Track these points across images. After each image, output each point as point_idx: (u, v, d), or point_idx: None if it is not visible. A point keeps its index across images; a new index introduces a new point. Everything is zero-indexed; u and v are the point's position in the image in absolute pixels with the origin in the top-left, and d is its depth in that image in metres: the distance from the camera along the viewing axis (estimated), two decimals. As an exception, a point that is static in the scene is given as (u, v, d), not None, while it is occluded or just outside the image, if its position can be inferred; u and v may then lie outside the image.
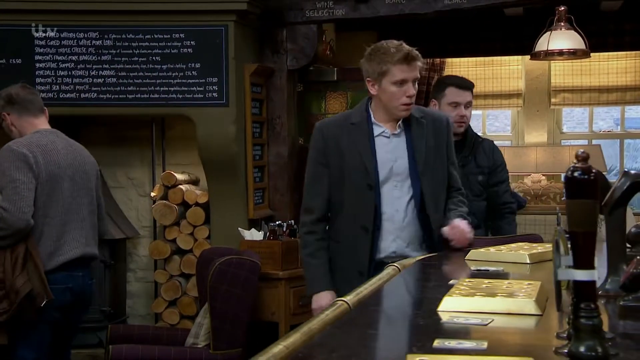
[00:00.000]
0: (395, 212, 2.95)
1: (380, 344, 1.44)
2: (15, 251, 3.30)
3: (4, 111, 3.55)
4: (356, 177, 2.94)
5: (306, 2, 4.70)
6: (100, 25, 4.46)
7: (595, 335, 1.24)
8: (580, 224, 1.25)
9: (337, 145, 2.96)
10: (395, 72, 2.84)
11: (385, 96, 2.89)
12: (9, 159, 3.34)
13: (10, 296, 3.28)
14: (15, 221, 3.25)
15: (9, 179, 3.29)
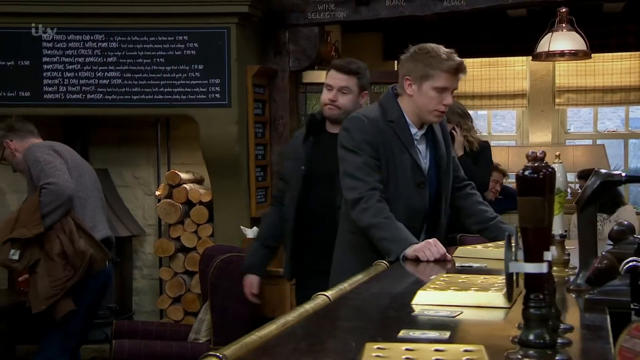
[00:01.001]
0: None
1: (348, 334, 1.52)
2: (65, 224, 3.59)
3: (6, 139, 3.78)
4: (405, 175, 2.85)
5: (308, 4, 4.78)
6: (106, 27, 4.57)
7: (543, 324, 1.31)
8: (530, 220, 1.33)
9: (385, 142, 2.84)
10: (441, 78, 2.76)
11: (421, 99, 2.81)
12: (37, 151, 3.65)
13: (75, 261, 3.56)
14: (63, 191, 3.53)
15: (44, 162, 3.60)
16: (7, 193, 5.27)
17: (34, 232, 3.53)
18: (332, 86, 3.30)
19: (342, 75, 3.30)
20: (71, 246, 3.55)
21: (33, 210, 3.54)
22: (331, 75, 3.33)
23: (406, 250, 2.56)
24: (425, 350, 1.28)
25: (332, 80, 3.32)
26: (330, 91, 3.30)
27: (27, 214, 3.56)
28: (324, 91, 3.34)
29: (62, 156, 3.68)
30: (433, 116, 2.85)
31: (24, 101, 4.66)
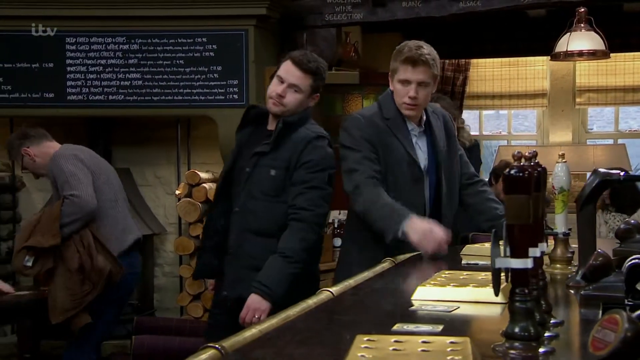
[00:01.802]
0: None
1: (345, 327, 1.58)
2: (84, 237, 3.63)
3: (23, 147, 3.84)
4: (402, 171, 2.92)
5: (325, 6, 4.85)
6: (127, 30, 4.68)
7: (528, 317, 1.36)
8: (515, 217, 1.38)
9: (382, 139, 2.92)
10: (401, 71, 2.88)
11: (395, 94, 2.93)
12: (62, 161, 3.69)
13: (92, 277, 3.62)
14: (85, 204, 3.59)
15: (68, 173, 3.64)
16: (33, 192, 5.40)
17: (50, 243, 3.58)
18: (284, 80, 2.94)
19: (299, 71, 2.93)
20: (89, 261, 3.61)
21: (53, 219, 3.60)
22: (287, 69, 2.95)
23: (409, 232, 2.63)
24: (412, 342, 1.32)
25: (285, 74, 2.94)
26: (281, 84, 2.94)
27: (47, 222, 3.62)
28: (273, 82, 2.98)
29: (86, 164, 3.72)
30: (404, 109, 2.94)
31: (48, 102, 4.78)
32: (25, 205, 5.37)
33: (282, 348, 1.41)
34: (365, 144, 2.88)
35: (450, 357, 1.22)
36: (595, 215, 2.06)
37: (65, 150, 3.81)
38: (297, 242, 2.87)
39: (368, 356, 1.23)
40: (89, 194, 3.61)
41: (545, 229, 2.30)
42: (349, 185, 2.88)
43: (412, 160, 2.93)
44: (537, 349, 1.35)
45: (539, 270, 1.56)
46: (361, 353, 1.24)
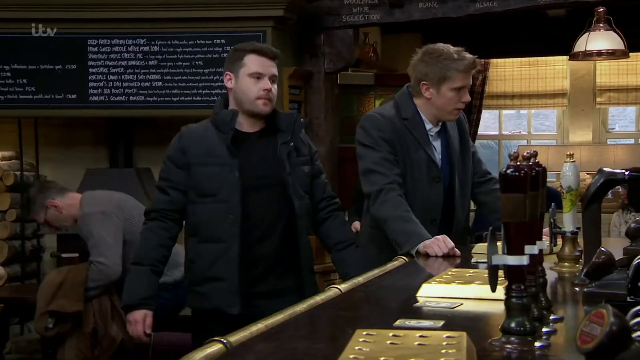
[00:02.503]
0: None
1: (348, 323, 1.62)
2: (102, 303, 3.66)
3: (48, 199, 3.76)
4: (421, 171, 2.93)
5: (342, 7, 4.89)
6: (147, 32, 4.76)
7: (524, 313, 1.40)
8: (511, 215, 1.41)
9: (401, 138, 2.91)
10: (458, 78, 2.83)
11: (440, 101, 2.88)
12: (91, 221, 3.67)
13: (103, 344, 3.66)
14: (112, 273, 3.62)
15: (97, 237, 3.64)
16: (56, 191, 5.50)
17: (73, 309, 3.62)
18: (263, 74, 2.71)
19: (271, 61, 2.75)
20: (103, 328, 3.64)
21: (79, 284, 3.64)
22: (260, 62, 2.72)
23: (417, 246, 2.64)
24: (410, 337, 1.36)
25: (262, 68, 2.72)
26: (262, 80, 2.71)
27: (72, 286, 3.65)
28: (249, 81, 2.71)
29: (116, 215, 3.71)
30: (453, 115, 2.94)
31: (70, 103, 4.87)
32: (48, 204, 5.47)
33: (285, 342, 1.46)
34: (384, 144, 2.89)
35: (444, 351, 1.26)
36: (600, 214, 2.09)
37: (91, 205, 3.73)
38: (351, 231, 3.08)
39: (365, 349, 1.27)
40: (116, 261, 3.62)
41: (553, 228, 2.35)
42: (368, 187, 2.88)
43: (431, 161, 2.94)
44: (532, 343, 1.39)
45: (539, 268, 1.59)
46: (359, 346, 1.29)
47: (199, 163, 2.73)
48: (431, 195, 2.94)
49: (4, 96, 4.90)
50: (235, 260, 2.69)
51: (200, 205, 2.73)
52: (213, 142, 2.74)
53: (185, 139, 2.80)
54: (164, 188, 2.79)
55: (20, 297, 4.44)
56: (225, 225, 2.69)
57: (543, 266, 1.64)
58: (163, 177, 2.82)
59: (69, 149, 5.40)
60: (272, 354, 1.38)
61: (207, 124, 2.82)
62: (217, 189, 2.71)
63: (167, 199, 2.77)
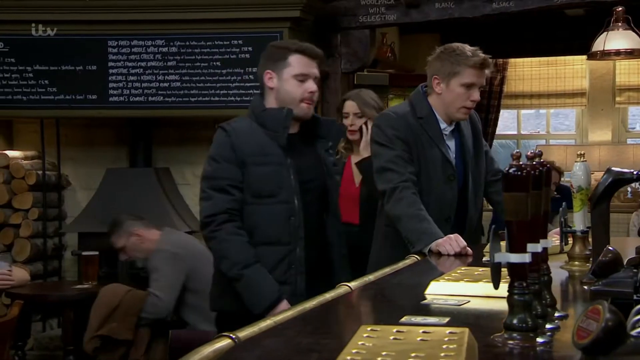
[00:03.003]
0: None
1: (356, 319, 1.66)
2: (140, 334, 3.92)
3: (135, 227, 4.08)
4: (435, 170, 2.95)
5: (359, 8, 4.92)
6: (166, 33, 4.83)
7: (526, 310, 1.42)
8: (513, 213, 1.44)
9: (416, 137, 2.94)
10: (467, 74, 2.86)
11: (450, 96, 2.91)
12: (161, 259, 3.95)
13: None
14: (162, 310, 3.87)
15: (162, 274, 3.90)
16: (78, 190, 5.59)
17: (124, 337, 3.87)
18: (308, 75, 2.67)
19: (314, 61, 2.70)
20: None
21: (133, 312, 3.89)
22: (304, 62, 2.67)
23: (430, 244, 2.66)
24: (413, 332, 1.39)
25: (308, 69, 2.67)
26: (306, 82, 2.66)
27: (127, 312, 3.90)
28: (294, 83, 2.66)
29: (186, 261, 3.95)
30: (461, 113, 2.96)
31: (91, 104, 4.95)
32: (70, 203, 5.56)
33: (292, 338, 1.49)
34: (399, 142, 2.91)
35: (445, 346, 1.28)
36: (608, 213, 2.10)
37: (167, 244, 4.03)
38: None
39: (368, 344, 1.30)
40: (170, 301, 3.89)
41: (564, 227, 2.37)
42: (382, 184, 2.91)
43: (445, 159, 2.96)
44: (534, 339, 1.41)
45: (543, 266, 1.61)
46: (362, 342, 1.32)
47: (254, 162, 2.62)
48: (445, 193, 2.97)
49: (26, 97, 4.98)
50: (301, 264, 2.62)
51: (258, 207, 2.61)
52: (263, 140, 2.63)
53: (234, 136, 2.63)
54: (224, 187, 2.59)
55: (42, 295, 4.52)
56: (286, 227, 2.62)
57: (548, 264, 1.66)
58: (219, 176, 2.61)
59: (89, 149, 5.48)
60: (278, 349, 1.42)
61: (249, 121, 2.69)
62: (276, 189, 2.62)
63: (230, 198, 2.59)
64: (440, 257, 2.67)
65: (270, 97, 2.71)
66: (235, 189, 2.60)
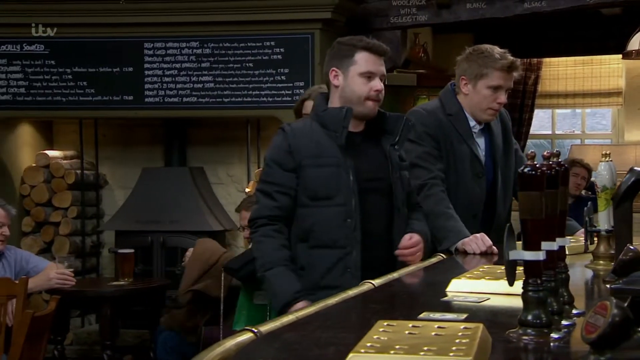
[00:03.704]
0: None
1: (375, 315, 1.69)
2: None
3: None
4: (464, 167, 2.97)
5: (390, 9, 4.94)
6: (200, 35, 4.92)
7: (540, 306, 1.45)
8: (528, 212, 1.47)
9: (445, 133, 2.95)
10: (495, 77, 2.89)
11: (476, 98, 2.95)
12: None
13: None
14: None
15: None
16: (115, 189, 5.71)
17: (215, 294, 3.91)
18: (375, 73, 2.59)
19: (381, 59, 2.63)
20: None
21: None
22: (372, 60, 2.58)
23: (456, 243, 2.70)
24: (428, 327, 1.43)
25: (375, 67, 2.59)
26: (373, 79, 2.59)
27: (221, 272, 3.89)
28: (360, 81, 2.58)
29: None
30: (487, 114, 2.98)
31: (127, 104, 5.06)
32: (107, 202, 5.68)
33: (311, 332, 1.54)
34: (428, 138, 2.94)
35: (457, 340, 1.32)
36: (631, 213, 2.11)
37: None
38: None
39: (383, 338, 1.34)
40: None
41: (589, 227, 2.38)
42: (413, 181, 2.90)
43: (475, 156, 2.99)
44: (549, 335, 1.44)
45: (560, 264, 1.64)
46: (377, 335, 1.36)
47: (311, 164, 2.56)
48: (474, 190, 3.00)
49: (65, 98, 5.11)
50: (357, 268, 2.55)
51: (314, 209, 2.56)
52: (322, 141, 2.56)
53: (292, 138, 2.57)
54: (270, 192, 2.57)
55: (80, 291, 4.62)
56: (343, 230, 2.55)
57: (565, 262, 1.68)
58: (269, 181, 2.59)
59: (126, 149, 5.59)
60: (297, 342, 1.46)
61: (309, 121, 2.65)
62: (332, 191, 2.55)
63: (274, 205, 2.57)
64: (467, 255, 2.70)
65: (334, 96, 2.63)
66: (283, 195, 2.56)
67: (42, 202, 5.38)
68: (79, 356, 5.26)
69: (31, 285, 4.10)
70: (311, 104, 3.17)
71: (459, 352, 1.24)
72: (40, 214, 5.38)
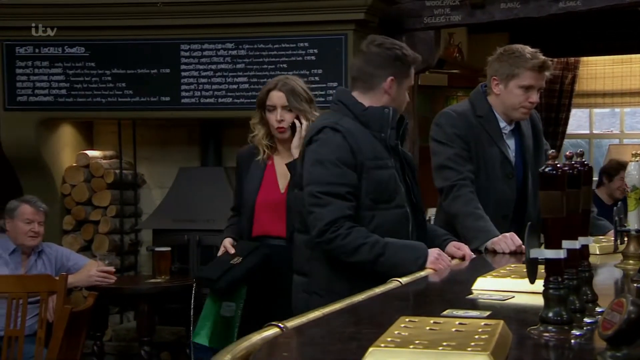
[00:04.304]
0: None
1: (398, 311, 1.72)
2: None
3: None
4: (494, 168, 3.00)
5: (424, 9, 4.95)
6: (235, 37, 4.98)
7: (561, 303, 1.47)
8: (549, 211, 1.49)
9: (475, 135, 3.01)
10: (526, 77, 2.92)
11: (508, 97, 2.97)
12: None
13: None
14: None
15: None
16: (153, 188, 5.80)
17: None
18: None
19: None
20: None
21: None
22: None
23: (486, 242, 2.71)
24: (449, 323, 1.46)
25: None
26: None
27: None
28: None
29: None
30: (520, 113, 3.00)
31: (164, 105, 5.15)
32: (145, 201, 5.78)
33: (336, 327, 1.58)
34: (458, 140, 2.97)
35: (477, 336, 1.35)
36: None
37: None
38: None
39: (404, 333, 1.38)
40: None
41: (618, 227, 2.38)
42: (440, 182, 2.98)
43: (505, 158, 3.02)
44: (569, 332, 1.46)
45: (583, 262, 1.65)
46: (398, 331, 1.39)
47: (373, 166, 2.51)
48: (504, 191, 3.02)
49: (105, 99, 5.22)
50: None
51: (376, 212, 2.51)
52: (372, 141, 2.53)
53: (350, 138, 2.49)
54: (343, 194, 2.45)
55: (119, 288, 4.72)
56: (403, 232, 2.55)
57: (589, 261, 1.70)
58: (339, 182, 2.46)
59: (163, 149, 5.68)
60: (321, 337, 1.51)
61: (352, 122, 2.56)
62: (392, 194, 2.54)
63: (349, 205, 2.46)
64: (496, 255, 2.72)
65: (381, 99, 2.59)
66: (353, 196, 2.48)
67: (82, 201, 5.50)
68: (117, 352, 5.37)
69: (71, 281, 4.22)
70: (278, 96, 3.15)
71: (476, 348, 1.27)
72: (81, 213, 5.49)
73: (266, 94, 3.23)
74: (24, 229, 4.23)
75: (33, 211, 4.29)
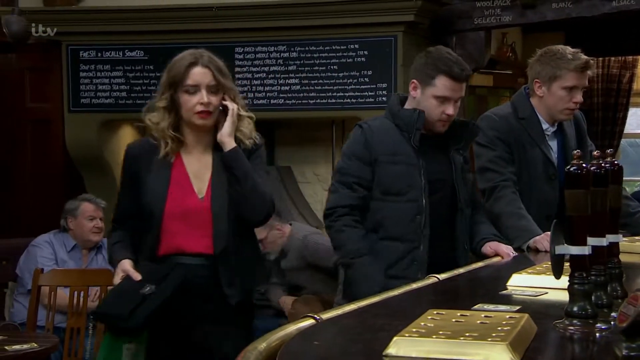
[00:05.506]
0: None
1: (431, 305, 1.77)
2: None
3: (278, 223, 4.49)
4: (537, 169, 3.03)
5: (474, 10, 4.96)
6: (287, 39, 5.10)
7: (586, 298, 1.51)
8: (574, 209, 1.53)
9: (517, 137, 3.02)
10: (569, 78, 2.94)
11: (551, 99, 2.99)
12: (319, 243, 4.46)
13: None
14: None
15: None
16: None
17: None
18: (450, 98, 2.73)
19: (463, 85, 2.79)
20: None
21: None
22: (451, 87, 2.73)
23: (528, 241, 2.75)
24: (475, 316, 1.51)
25: (450, 93, 2.73)
26: (449, 103, 2.74)
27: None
28: (434, 103, 2.73)
29: None
30: (564, 114, 3.02)
31: (219, 107, 5.27)
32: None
33: (368, 319, 1.65)
34: (500, 143, 3.02)
35: (499, 328, 1.40)
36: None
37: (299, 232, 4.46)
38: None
39: (429, 325, 1.44)
40: None
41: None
42: (483, 183, 3.03)
43: (547, 159, 3.04)
44: (593, 326, 1.50)
45: (613, 259, 1.69)
46: (424, 322, 1.45)
47: (387, 161, 2.74)
48: (547, 192, 3.04)
49: (161, 102, 5.37)
50: (424, 261, 2.71)
51: (386, 203, 2.74)
52: (397, 140, 2.76)
53: (369, 135, 2.77)
54: (350, 184, 2.75)
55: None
56: (412, 225, 2.72)
57: (619, 258, 1.73)
58: (348, 173, 2.76)
59: (218, 149, 5.81)
60: (353, 327, 1.58)
61: (385, 121, 2.82)
62: (404, 188, 2.73)
63: (354, 195, 2.74)
64: (538, 253, 2.74)
65: (411, 101, 2.81)
66: (361, 186, 2.75)
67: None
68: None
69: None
70: (202, 72, 2.58)
71: (496, 338, 1.32)
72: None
73: (185, 70, 2.57)
74: (88, 225, 4.40)
75: (94, 208, 4.46)
